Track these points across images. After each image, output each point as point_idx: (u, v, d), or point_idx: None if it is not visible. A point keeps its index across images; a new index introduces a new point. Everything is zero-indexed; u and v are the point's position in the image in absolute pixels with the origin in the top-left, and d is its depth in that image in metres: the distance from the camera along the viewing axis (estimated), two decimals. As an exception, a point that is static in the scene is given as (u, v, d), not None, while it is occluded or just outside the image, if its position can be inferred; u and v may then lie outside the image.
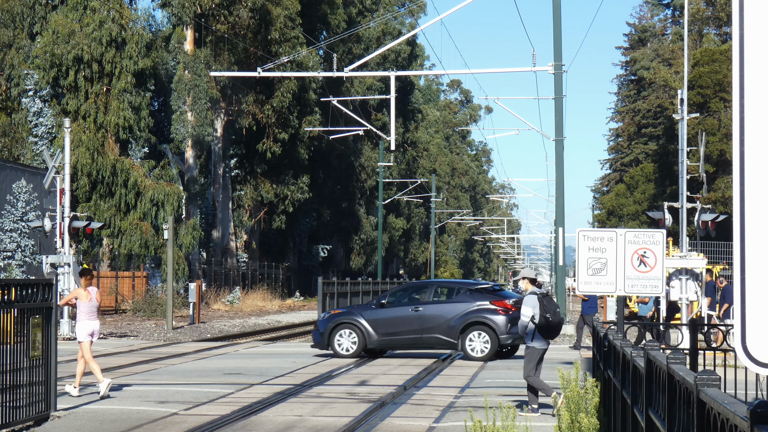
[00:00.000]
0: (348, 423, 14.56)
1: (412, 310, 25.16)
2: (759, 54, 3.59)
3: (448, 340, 24.88)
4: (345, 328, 25.37)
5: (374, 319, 25.29)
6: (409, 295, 25.97)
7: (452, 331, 24.77)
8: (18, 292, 13.68)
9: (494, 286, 26.26)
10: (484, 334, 24.66)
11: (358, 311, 25.78)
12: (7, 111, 60.57)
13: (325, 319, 25.84)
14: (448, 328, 24.77)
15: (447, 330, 24.78)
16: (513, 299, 25.15)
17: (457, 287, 25.88)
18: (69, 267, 32.18)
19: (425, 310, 25.07)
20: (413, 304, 25.35)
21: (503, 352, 25.65)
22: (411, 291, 26.33)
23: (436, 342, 25.04)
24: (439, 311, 24.96)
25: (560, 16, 43.63)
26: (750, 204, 3.57)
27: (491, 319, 24.62)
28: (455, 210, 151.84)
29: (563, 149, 44.96)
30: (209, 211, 69.87)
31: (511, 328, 24.34)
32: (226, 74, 58.13)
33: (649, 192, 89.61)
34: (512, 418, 10.56)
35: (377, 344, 25.44)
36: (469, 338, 24.71)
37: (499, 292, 25.57)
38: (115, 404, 16.41)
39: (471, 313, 24.71)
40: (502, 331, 24.56)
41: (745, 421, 3.33)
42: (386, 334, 25.27)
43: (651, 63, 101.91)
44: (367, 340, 25.25)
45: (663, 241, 16.23)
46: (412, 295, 25.93)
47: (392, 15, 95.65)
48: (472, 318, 24.68)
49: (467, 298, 25.00)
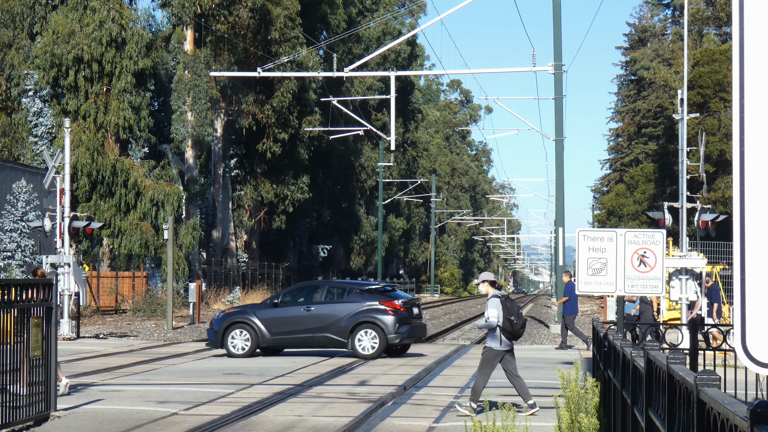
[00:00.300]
0: (348, 423, 14.56)
1: (305, 309, 25.76)
2: (759, 54, 3.59)
3: (338, 339, 25.55)
4: (238, 328, 25.81)
5: (267, 319, 25.79)
6: (302, 296, 26.50)
7: (343, 330, 25.45)
8: (18, 292, 13.68)
9: (385, 286, 26.87)
10: (373, 333, 25.33)
11: (252, 310, 26.26)
12: (7, 111, 60.57)
13: (220, 318, 26.27)
14: (339, 328, 25.44)
15: (337, 329, 25.45)
16: (402, 300, 25.85)
17: (348, 288, 26.50)
18: (69, 267, 32.18)
19: (317, 309, 25.71)
20: (305, 304, 25.93)
21: (394, 351, 26.35)
22: (304, 291, 26.85)
23: (327, 341, 25.69)
24: (330, 311, 25.62)
25: (560, 16, 43.64)
26: (750, 204, 3.57)
27: (380, 319, 25.32)
28: (455, 210, 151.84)
29: (563, 149, 44.97)
30: (209, 211, 69.88)
31: (399, 327, 25.19)
32: (226, 74, 58.14)
33: (649, 192, 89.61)
34: (512, 418, 10.57)
35: (270, 343, 25.96)
36: (359, 337, 25.39)
37: (390, 293, 26.18)
38: (115, 404, 16.41)
39: (361, 312, 25.42)
40: (390, 331, 25.25)
41: (745, 421, 3.32)
42: (279, 333, 25.80)
43: (651, 63, 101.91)
44: (260, 339, 25.78)
45: (663, 241, 16.23)
46: (304, 296, 26.47)
47: (392, 15, 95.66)
48: (361, 318, 25.38)
49: (358, 299, 25.69)
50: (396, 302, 25.54)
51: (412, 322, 25.78)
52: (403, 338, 25.37)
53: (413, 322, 25.91)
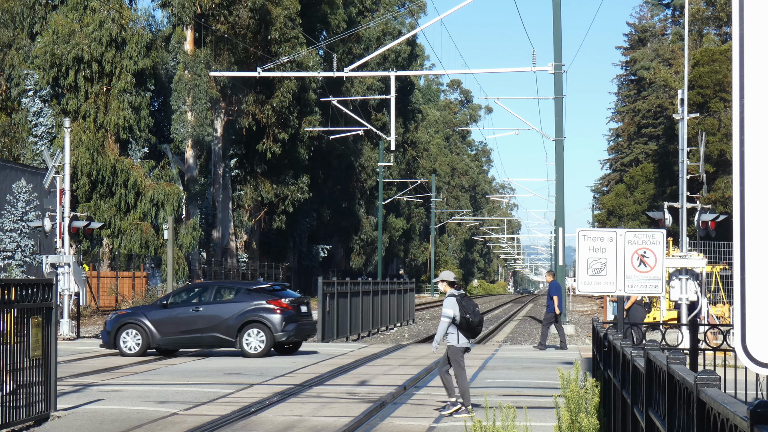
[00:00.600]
0: (348, 423, 14.56)
1: (193, 310, 26.08)
2: (759, 54, 3.59)
3: (226, 338, 25.86)
4: (130, 328, 26.14)
5: (158, 320, 26.12)
6: (191, 296, 26.81)
7: (230, 329, 25.77)
8: (18, 292, 13.68)
9: (273, 286, 27.08)
10: (260, 332, 25.68)
11: (143, 312, 26.64)
12: (7, 111, 60.58)
13: (113, 319, 26.64)
14: (227, 327, 25.75)
15: (225, 329, 25.76)
16: (290, 299, 26.20)
17: (236, 288, 26.86)
18: (69, 267, 32.18)
19: (205, 310, 26.02)
20: (194, 305, 26.25)
21: (286, 350, 26.71)
22: (193, 292, 27.12)
23: (216, 340, 26.01)
24: (218, 311, 25.94)
25: (560, 16, 43.65)
26: (750, 204, 3.57)
27: (267, 318, 25.68)
28: (455, 210, 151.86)
29: (563, 149, 44.98)
30: (209, 211, 69.87)
31: (285, 326, 25.57)
32: (226, 74, 58.15)
33: (649, 192, 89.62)
34: (512, 418, 10.57)
35: (160, 343, 26.26)
36: (246, 336, 25.73)
37: (278, 292, 26.49)
38: (115, 404, 16.41)
39: (248, 312, 25.76)
40: (277, 329, 25.63)
41: (745, 421, 3.32)
42: (169, 333, 26.13)
43: (651, 63, 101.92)
44: (150, 340, 26.09)
45: (663, 241, 16.23)
46: (193, 296, 26.77)
47: (392, 15, 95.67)
48: (248, 317, 25.72)
49: (245, 298, 26.02)
50: (283, 301, 25.92)
51: (299, 321, 26.17)
52: (290, 336, 25.80)
53: (301, 320, 26.30)
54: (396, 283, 46.99)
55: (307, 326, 26.83)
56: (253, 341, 25.66)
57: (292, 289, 29.17)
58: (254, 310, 25.72)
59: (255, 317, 25.65)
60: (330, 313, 34.58)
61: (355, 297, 38.03)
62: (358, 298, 38.38)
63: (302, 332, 26.46)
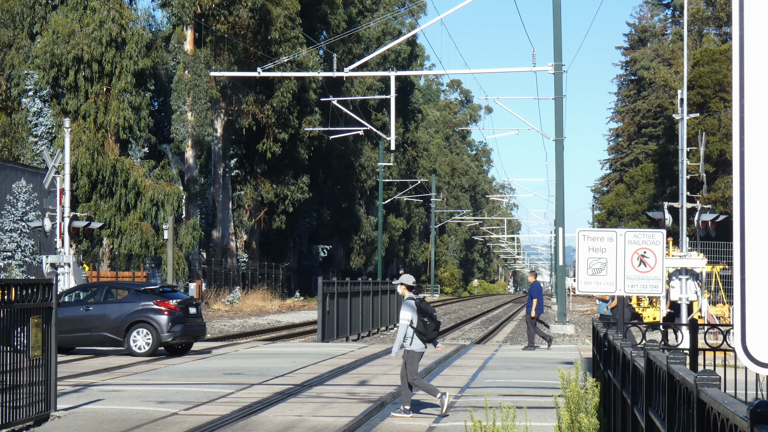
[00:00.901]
0: (348, 423, 14.56)
1: (84, 309, 26.40)
2: (759, 54, 3.59)
3: (113, 337, 26.23)
4: None
5: None
6: (82, 296, 27.12)
7: (118, 329, 26.15)
8: (18, 292, 13.68)
9: (163, 287, 27.46)
10: (147, 332, 26.03)
11: None
12: (7, 111, 60.57)
13: None
14: (115, 327, 26.15)
15: (113, 328, 26.17)
16: (177, 300, 26.52)
17: (125, 288, 27.40)
18: (69, 267, 32.18)
19: (95, 309, 26.38)
20: (85, 304, 26.56)
21: (176, 349, 26.96)
22: (84, 292, 27.44)
23: (104, 339, 26.37)
24: (107, 311, 26.33)
25: (560, 16, 43.65)
26: (750, 204, 3.57)
27: (154, 318, 26.05)
28: (455, 210, 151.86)
29: (563, 149, 44.98)
30: (209, 211, 69.87)
31: (172, 327, 25.90)
32: (226, 74, 58.15)
33: (649, 192, 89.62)
34: (512, 418, 10.57)
35: None
36: (133, 336, 26.08)
37: (166, 294, 26.83)
38: (115, 404, 16.41)
39: (136, 312, 26.15)
40: (163, 330, 25.99)
41: (745, 421, 3.32)
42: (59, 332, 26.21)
43: (651, 63, 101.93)
44: None
45: (663, 241, 16.23)
46: (84, 296, 27.08)
47: (392, 15, 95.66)
48: (136, 317, 26.10)
49: (134, 299, 26.43)
50: (171, 302, 26.20)
51: (187, 322, 26.47)
52: (176, 337, 26.10)
53: (188, 321, 26.58)
54: (396, 283, 46.96)
55: (195, 328, 27.11)
56: (140, 341, 26.03)
57: (293, 288, 29.24)
58: (142, 310, 26.10)
59: (142, 317, 26.04)
60: (330, 313, 34.57)
61: (355, 297, 38.02)
62: (358, 298, 38.37)
63: (190, 333, 26.79)
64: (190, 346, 27.63)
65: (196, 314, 27.09)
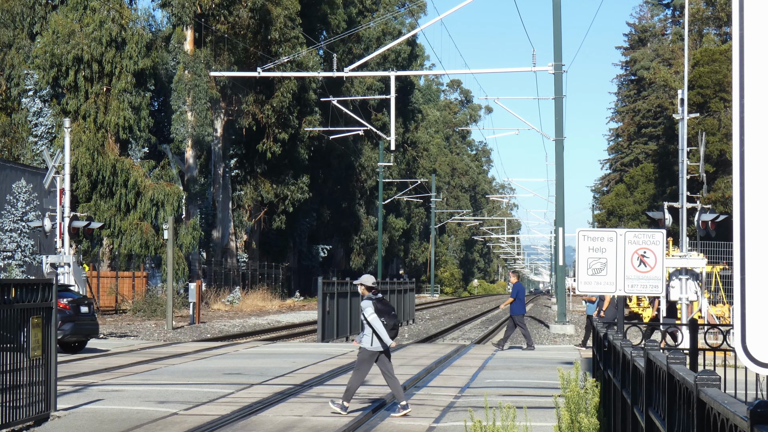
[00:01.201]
0: (348, 423, 14.56)
1: None
2: (759, 54, 3.59)
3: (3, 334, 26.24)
4: None
5: None
6: None
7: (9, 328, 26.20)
8: (18, 292, 13.68)
9: None
10: None
11: None
12: (7, 111, 60.58)
13: None
14: None
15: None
16: (68, 299, 26.69)
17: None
18: (69, 267, 32.18)
19: None
20: None
21: (70, 347, 27.13)
22: None
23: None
24: None
25: (560, 16, 43.66)
26: (750, 204, 3.57)
27: None
28: (455, 210, 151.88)
29: (563, 149, 44.99)
30: (209, 211, 69.87)
31: (62, 325, 25.79)
32: (226, 74, 58.15)
33: (649, 192, 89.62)
34: (512, 418, 10.57)
35: None
36: None
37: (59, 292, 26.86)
38: (115, 404, 16.41)
39: None
40: None
41: (745, 421, 3.32)
42: None
43: (651, 63, 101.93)
44: None
45: (663, 241, 16.22)
46: None
47: (392, 15, 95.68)
48: None
49: None
50: (61, 301, 26.24)
51: (77, 320, 26.70)
52: (65, 335, 26.25)
53: (79, 320, 26.80)
54: (396, 283, 46.99)
55: (87, 326, 27.29)
56: None
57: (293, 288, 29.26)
58: None
59: None
60: (330, 313, 34.57)
61: (355, 297, 38.02)
62: (358, 298, 38.37)
63: (80, 331, 27.01)
64: (84, 344, 27.89)
65: (87, 313, 27.30)
